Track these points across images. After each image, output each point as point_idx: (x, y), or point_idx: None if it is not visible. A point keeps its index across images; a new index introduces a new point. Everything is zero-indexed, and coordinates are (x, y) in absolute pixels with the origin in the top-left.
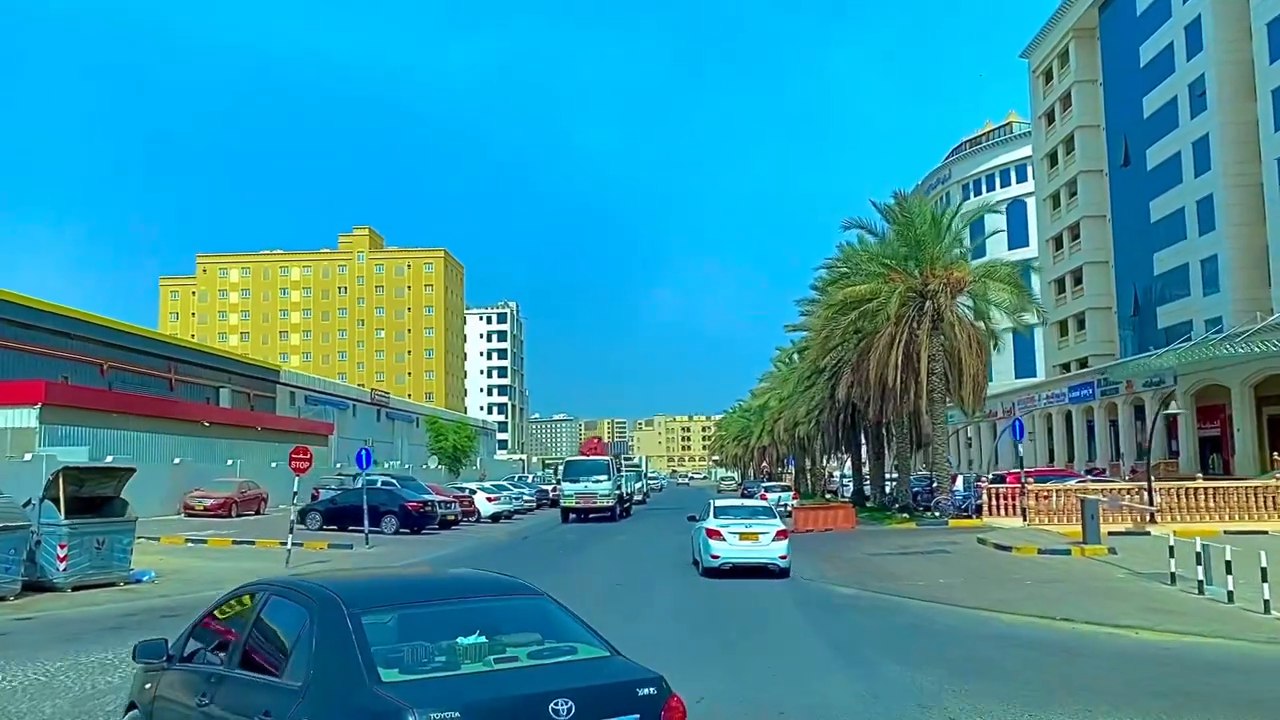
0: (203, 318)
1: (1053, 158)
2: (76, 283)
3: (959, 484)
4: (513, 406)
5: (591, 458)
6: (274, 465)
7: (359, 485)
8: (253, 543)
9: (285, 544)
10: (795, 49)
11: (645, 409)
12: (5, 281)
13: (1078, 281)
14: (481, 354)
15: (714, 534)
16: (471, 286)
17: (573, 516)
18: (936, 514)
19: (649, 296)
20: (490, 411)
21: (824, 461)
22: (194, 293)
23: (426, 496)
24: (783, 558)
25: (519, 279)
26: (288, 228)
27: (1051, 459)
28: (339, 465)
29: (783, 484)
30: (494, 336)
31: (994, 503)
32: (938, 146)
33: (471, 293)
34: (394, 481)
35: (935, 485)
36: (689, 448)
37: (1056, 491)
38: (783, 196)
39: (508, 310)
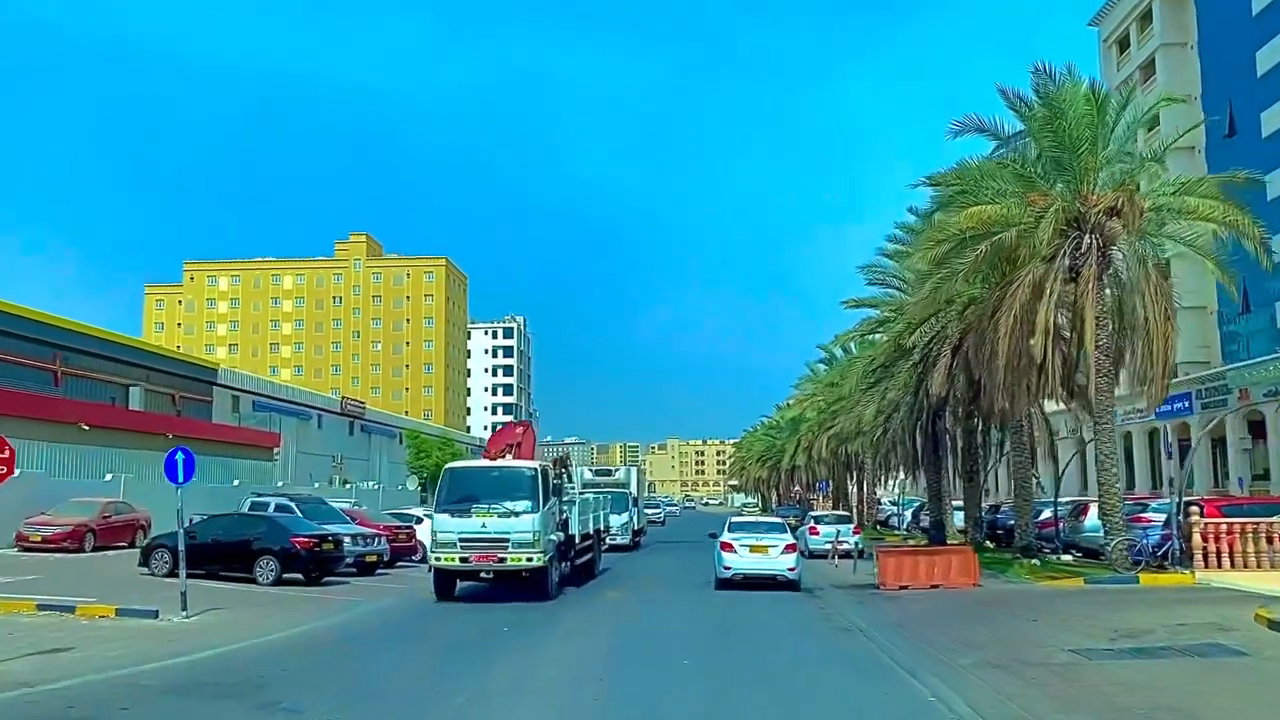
0: (189, 328)
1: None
2: (57, 288)
3: (1092, 514)
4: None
5: (497, 465)
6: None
7: (247, 509)
8: None
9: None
10: (807, 65)
11: (658, 432)
12: None
13: (1164, 278)
14: (486, 370)
15: (727, 547)
16: (477, 302)
17: (460, 585)
18: (1057, 556)
19: (663, 318)
20: (494, 431)
21: (880, 483)
22: (180, 301)
23: (333, 529)
24: (791, 570)
25: (527, 298)
26: (281, 234)
27: (1132, 485)
28: (281, 484)
29: (838, 513)
30: (499, 352)
31: (1215, 546)
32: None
33: (477, 308)
34: (291, 505)
35: (1106, 516)
36: (703, 472)
37: None
38: (797, 224)
39: (514, 325)
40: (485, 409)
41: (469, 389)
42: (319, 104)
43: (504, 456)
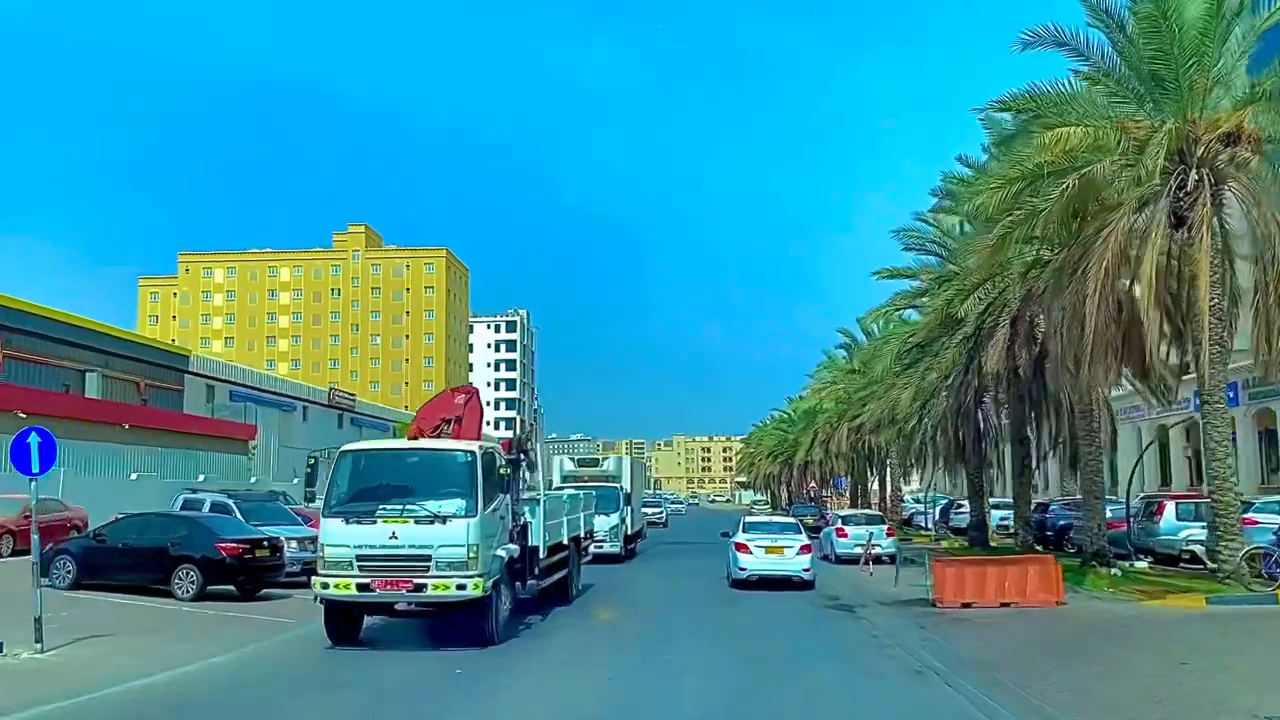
0: (184, 321)
1: None
2: (46, 281)
3: (1169, 513)
4: (521, 421)
5: (416, 447)
6: (134, 478)
7: (179, 507)
8: None
9: None
10: (815, 56)
11: (664, 429)
12: None
13: None
14: (489, 365)
15: (742, 548)
16: (479, 296)
17: (369, 622)
18: (1130, 563)
19: (668, 313)
20: (498, 427)
21: (905, 478)
22: (175, 294)
23: (275, 531)
24: (806, 570)
25: (531, 293)
26: (278, 225)
27: (1166, 481)
28: (256, 479)
29: (868, 512)
30: (503, 346)
31: None
32: None
33: (479, 302)
34: (229, 503)
35: (1219, 517)
36: (709, 469)
37: None
38: (806, 216)
39: (518, 319)
40: (487, 404)
41: (470, 384)
42: (316, 93)
43: (439, 436)
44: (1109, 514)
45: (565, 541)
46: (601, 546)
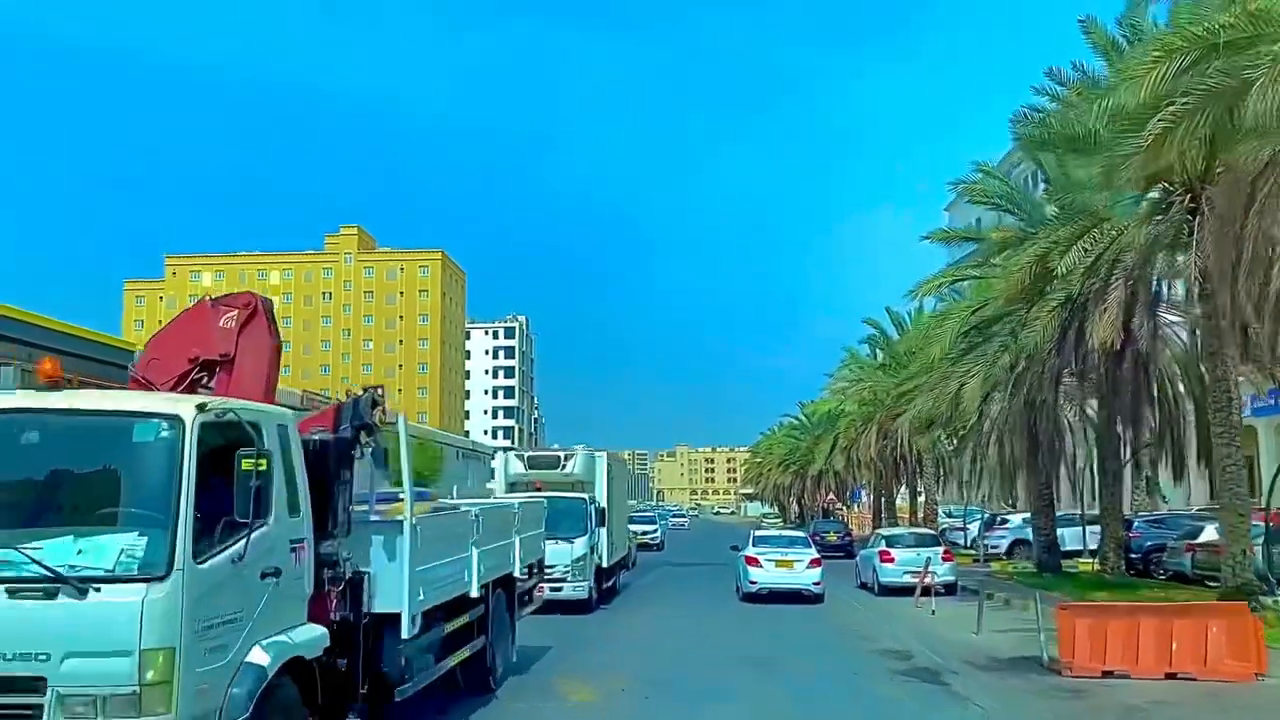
0: None
1: None
2: (30, 282)
3: None
4: (520, 430)
5: (41, 408)
6: None
7: None
8: None
9: None
10: (815, 60)
11: (667, 439)
12: None
13: None
14: (486, 372)
15: (752, 561)
16: (476, 301)
17: None
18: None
19: (672, 321)
20: (495, 436)
21: (940, 488)
22: (162, 297)
23: None
24: (816, 584)
25: (530, 298)
26: (268, 226)
27: (1253, 491)
28: None
29: (918, 530)
30: (501, 353)
31: None
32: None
33: (476, 308)
34: None
35: None
36: (713, 480)
37: None
38: (811, 221)
39: (516, 324)
40: (485, 412)
41: (468, 391)
42: (312, 92)
43: (193, 390)
44: (1214, 535)
45: (475, 593)
46: (560, 589)
